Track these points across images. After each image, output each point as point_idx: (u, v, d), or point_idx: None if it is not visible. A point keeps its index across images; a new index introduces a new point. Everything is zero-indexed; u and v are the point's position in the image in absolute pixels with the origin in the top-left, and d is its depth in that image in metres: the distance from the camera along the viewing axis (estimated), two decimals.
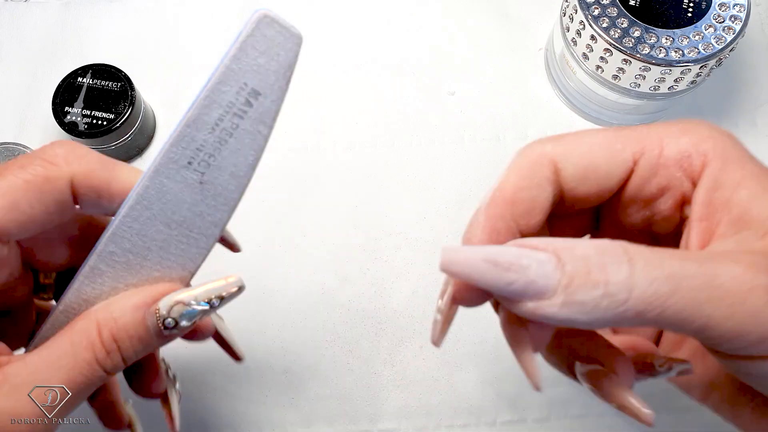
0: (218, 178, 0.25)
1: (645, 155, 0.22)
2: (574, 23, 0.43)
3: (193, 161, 0.25)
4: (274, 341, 0.43)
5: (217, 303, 0.26)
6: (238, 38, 0.24)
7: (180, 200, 0.25)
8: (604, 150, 0.22)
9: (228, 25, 0.51)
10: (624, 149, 0.22)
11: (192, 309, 0.25)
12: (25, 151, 0.44)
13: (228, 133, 0.25)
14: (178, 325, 0.25)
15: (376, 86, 0.49)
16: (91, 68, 0.45)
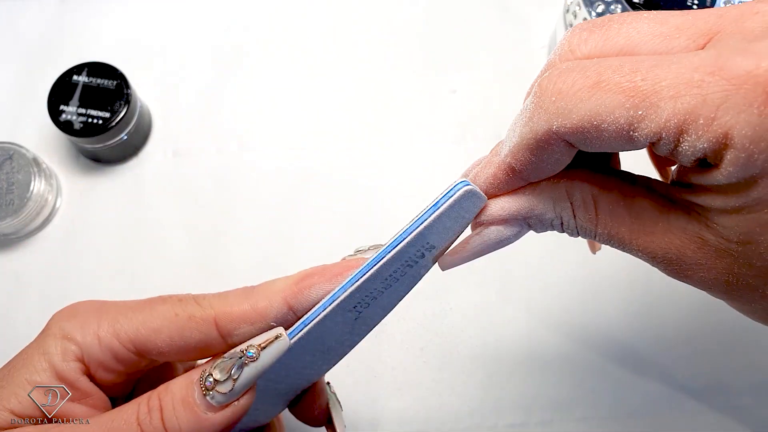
0: (372, 313, 0.26)
1: (657, 146, 0.20)
2: (578, 20, 0.42)
3: (358, 305, 0.25)
4: None
5: (253, 353, 0.24)
6: (436, 208, 0.24)
7: (332, 334, 0.26)
8: (617, 135, 0.20)
9: (225, 24, 0.51)
10: (639, 137, 0.20)
11: (225, 360, 0.24)
12: (21, 151, 0.43)
13: (395, 280, 0.25)
14: (216, 381, 0.24)
15: (376, 85, 0.49)
16: (86, 66, 0.44)
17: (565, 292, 0.43)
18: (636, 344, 0.42)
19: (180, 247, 0.44)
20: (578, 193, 0.23)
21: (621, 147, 0.21)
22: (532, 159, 0.22)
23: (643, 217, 0.22)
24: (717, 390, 0.41)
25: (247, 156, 0.47)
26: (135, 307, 0.26)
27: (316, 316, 0.24)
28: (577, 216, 0.24)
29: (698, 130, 0.18)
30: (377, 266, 0.24)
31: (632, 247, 0.23)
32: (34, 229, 0.45)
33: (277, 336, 0.24)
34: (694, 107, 0.18)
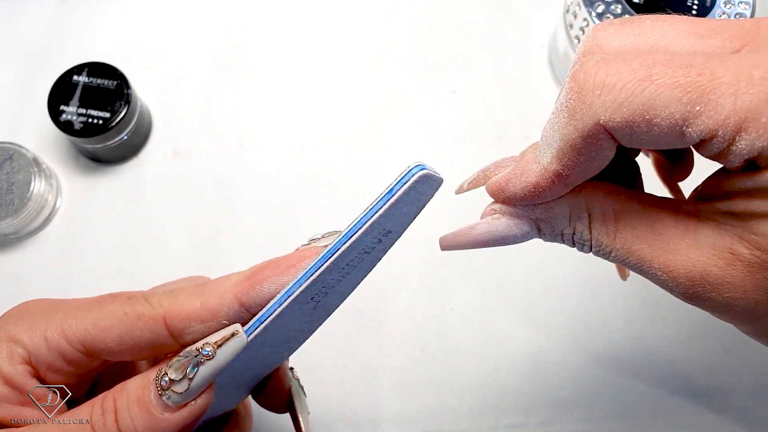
0: (330, 301, 0.25)
1: (710, 143, 0.20)
2: (578, 20, 0.42)
3: (315, 296, 0.24)
4: None
5: (209, 351, 0.23)
6: (391, 194, 0.23)
7: (290, 325, 0.25)
8: (669, 131, 0.20)
9: (225, 24, 0.51)
10: (693, 133, 0.19)
11: (180, 358, 0.23)
12: (21, 151, 0.43)
13: (352, 267, 0.24)
14: (171, 381, 0.23)
15: (376, 85, 0.49)
16: (86, 66, 0.44)
17: (565, 293, 0.43)
18: (635, 345, 0.42)
19: (180, 247, 0.44)
20: (599, 205, 0.23)
21: (669, 143, 0.20)
22: (579, 160, 0.21)
23: (666, 234, 0.22)
24: (716, 390, 0.41)
25: (247, 156, 0.47)
26: (85, 306, 0.25)
27: (272, 312, 0.23)
28: (594, 228, 0.23)
29: (759, 128, 0.18)
30: (333, 258, 0.23)
31: (652, 266, 0.22)
32: (34, 229, 0.45)
33: (234, 333, 0.23)
34: (757, 105, 0.18)
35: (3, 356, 0.24)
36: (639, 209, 0.23)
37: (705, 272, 0.21)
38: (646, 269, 0.23)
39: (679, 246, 0.22)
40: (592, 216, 0.23)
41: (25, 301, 0.26)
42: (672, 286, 0.22)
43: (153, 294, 0.25)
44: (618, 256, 0.23)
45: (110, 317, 0.24)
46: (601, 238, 0.23)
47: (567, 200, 0.23)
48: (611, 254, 0.23)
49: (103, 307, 0.24)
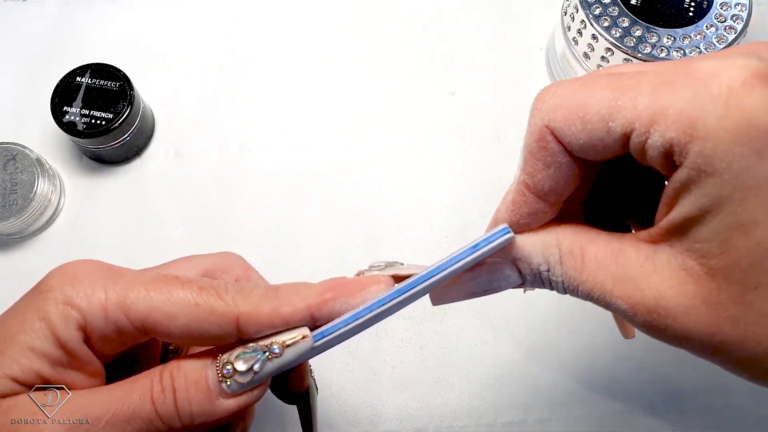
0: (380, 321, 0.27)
1: (632, 138, 0.21)
2: (575, 22, 0.42)
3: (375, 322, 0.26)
4: None
5: (278, 350, 0.24)
6: (476, 250, 0.24)
7: (343, 339, 0.26)
8: (599, 126, 0.21)
9: (227, 24, 0.51)
10: (616, 127, 0.21)
11: (247, 352, 0.24)
12: (24, 151, 0.44)
13: (413, 300, 0.26)
14: (235, 371, 0.24)
15: (376, 86, 0.49)
16: (89, 68, 0.45)
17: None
18: (634, 343, 0.43)
19: (182, 246, 0.45)
20: (567, 241, 0.24)
21: (602, 142, 0.21)
22: (538, 165, 0.23)
23: (628, 264, 0.22)
24: (716, 389, 0.42)
25: (248, 156, 0.47)
26: (149, 285, 0.24)
27: (337, 329, 0.25)
28: (564, 263, 0.24)
29: (668, 119, 0.20)
30: (401, 298, 0.25)
31: (613, 297, 0.23)
32: (38, 229, 0.45)
33: (304, 336, 0.24)
34: (669, 100, 0.20)
35: (59, 319, 0.24)
36: (604, 241, 0.23)
37: (660, 297, 0.21)
38: (608, 301, 0.23)
39: (637, 273, 0.22)
40: (561, 250, 0.24)
41: (77, 261, 0.26)
42: (632, 317, 0.23)
43: (225, 289, 0.25)
44: (584, 289, 0.23)
45: (179, 305, 0.24)
46: (570, 272, 0.24)
47: (539, 236, 0.24)
48: (579, 288, 0.24)
49: (171, 292, 0.24)
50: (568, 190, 0.24)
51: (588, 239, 0.24)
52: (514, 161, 0.48)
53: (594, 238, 0.24)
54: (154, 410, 0.24)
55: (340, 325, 0.25)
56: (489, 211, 0.45)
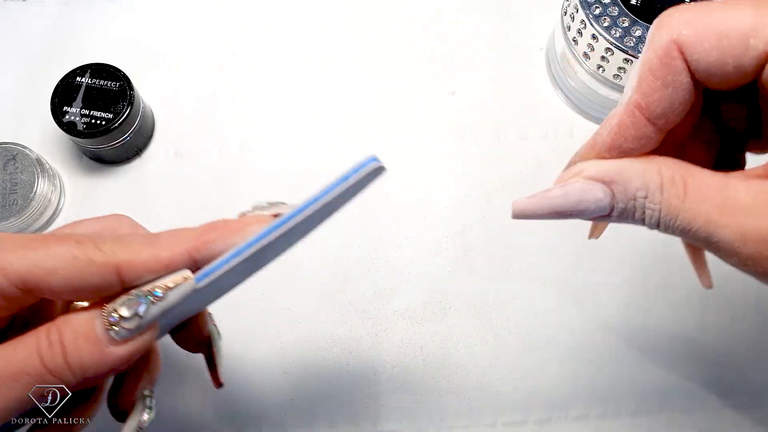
0: (266, 260, 0.28)
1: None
2: (575, 22, 0.42)
3: (258, 258, 0.26)
4: (273, 342, 0.43)
5: (161, 293, 0.24)
6: (345, 180, 0.26)
7: (231, 280, 0.27)
8: (736, 42, 0.21)
9: (227, 24, 0.51)
10: (758, 44, 0.21)
11: (131, 298, 0.24)
12: (24, 151, 0.44)
13: (296, 236, 0.27)
14: (121, 318, 0.24)
15: (375, 86, 0.49)
16: (89, 68, 0.45)
17: (563, 293, 0.43)
18: (634, 343, 0.43)
19: None
20: (669, 171, 0.23)
21: (736, 59, 0.21)
22: (656, 85, 0.22)
23: (737, 196, 0.22)
24: (715, 389, 0.42)
25: (248, 156, 0.47)
26: (27, 245, 0.25)
27: (221, 267, 0.25)
28: (665, 190, 0.23)
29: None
30: (284, 228, 0.25)
31: (720, 226, 0.22)
32: (38, 229, 0.45)
33: (185, 278, 0.25)
34: None
35: None
36: (708, 175, 0.23)
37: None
38: (711, 231, 0.22)
39: (749, 204, 0.22)
40: (663, 178, 0.23)
41: None
42: (738, 248, 0.22)
43: (104, 240, 0.25)
44: (685, 218, 0.23)
45: (58, 259, 0.24)
46: (671, 199, 0.23)
47: (640, 163, 0.24)
48: (678, 217, 0.23)
49: (49, 248, 0.24)
50: (678, 118, 0.23)
51: (691, 172, 0.23)
52: (514, 161, 0.48)
53: (698, 172, 0.23)
54: (43, 365, 0.24)
55: (221, 263, 0.25)
56: (489, 211, 0.45)
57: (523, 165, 0.47)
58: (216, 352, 0.32)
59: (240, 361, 0.42)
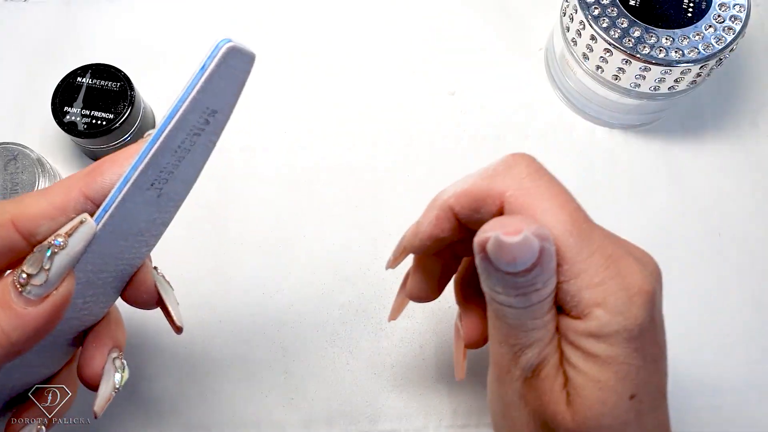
0: (173, 189, 0.27)
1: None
2: (574, 23, 0.42)
3: (155, 182, 0.26)
4: (273, 341, 0.43)
5: (61, 241, 0.24)
6: (204, 70, 0.25)
7: (138, 216, 0.26)
8: (477, 201, 0.27)
9: (227, 24, 0.51)
10: (493, 202, 0.27)
11: (34, 254, 0.24)
12: (25, 151, 0.44)
13: (186, 150, 0.26)
14: (29, 276, 0.24)
15: (375, 86, 0.49)
16: (90, 68, 0.45)
17: None
18: None
19: (181, 246, 0.45)
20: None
21: (482, 216, 0.27)
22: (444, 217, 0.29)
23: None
24: (713, 389, 0.42)
25: (248, 156, 0.47)
26: None
27: (115, 198, 0.25)
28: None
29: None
30: (160, 140, 0.25)
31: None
32: None
33: (82, 221, 0.25)
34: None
35: None
36: None
37: None
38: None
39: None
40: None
41: None
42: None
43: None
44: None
45: None
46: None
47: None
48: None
49: None
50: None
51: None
52: None
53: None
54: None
55: (112, 197, 0.25)
56: None
57: None
58: (168, 301, 0.31)
59: (240, 361, 0.42)
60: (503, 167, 0.27)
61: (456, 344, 0.35)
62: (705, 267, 0.44)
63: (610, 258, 0.25)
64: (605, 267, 0.25)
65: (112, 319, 0.31)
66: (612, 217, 0.46)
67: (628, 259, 0.25)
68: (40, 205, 0.25)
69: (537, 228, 0.23)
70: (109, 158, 0.26)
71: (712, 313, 0.43)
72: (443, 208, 0.29)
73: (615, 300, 0.24)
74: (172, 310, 0.31)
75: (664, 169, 0.47)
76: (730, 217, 0.46)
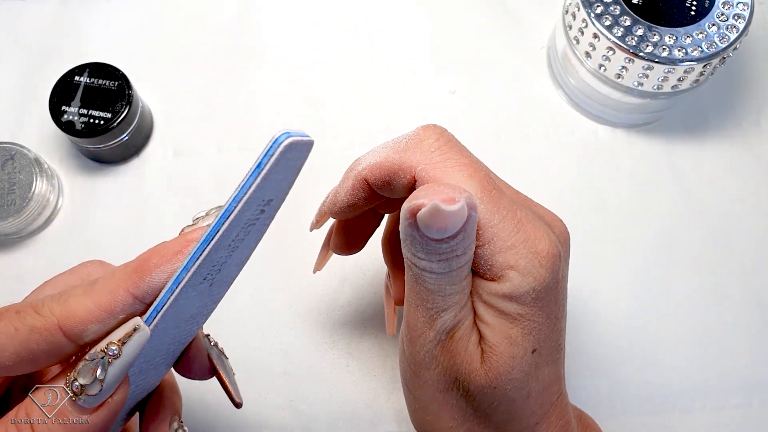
0: (226, 274, 0.26)
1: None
2: (577, 21, 0.42)
3: (208, 276, 0.24)
4: (273, 343, 0.42)
5: (115, 349, 0.23)
6: (260, 168, 0.23)
7: (190, 306, 0.25)
8: (390, 174, 0.29)
9: (225, 23, 0.51)
10: (404, 175, 0.28)
11: (87, 362, 0.23)
12: (23, 151, 0.43)
13: (240, 240, 0.25)
14: (83, 386, 0.23)
15: (376, 85, 0.49)
16: (88, 67, 0.44)
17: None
18: (634, 344, 0.42)
19: None
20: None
21: (396, 187, 0.29)
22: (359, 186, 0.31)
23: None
24: (713, 389, 0.41)
25: (248, 156, 0.47)
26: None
27: (167, 300, 0.24)
28: None
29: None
30: (216, 238, 0.23)
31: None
32: (36, 229, 0.45)
33: (135, 328, 0.23)
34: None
35: None
36: None
37: None
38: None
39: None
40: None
41: None
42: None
43: (42, 302, 0.24)
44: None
45: (1, 335, 0.23)
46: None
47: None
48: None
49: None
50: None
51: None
52: (515, 160, 0.48)
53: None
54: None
55: (164, 298, 0.23)
56: None
57: (524, 164, 0.46)
58: (224, 374, 0.30)
59: (240, 362, 0.42)
60: (414, 141, 0.28)
61: (386, 302, 0.37)
62: (707, 266, 0.44)
63: (519, 222, 0.26)
64: (516, 231, 0.26)
65: (167, 386, 0.30)
66: (614, 216, 0.45)
67: (536, 223, 0.26)
68: (86, 307, 0.23)
69: (468, 196, 0.23)
70: (156, 253, 0.24)
71: (715, 313, 0.43)
72: (357, 179, 0.30)
73: (525, 263, 0.25)
74: (228, 382, 0.30)
75: (666, 168, 0.46)
76: (733, 216, 0.45)
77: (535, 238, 0.26)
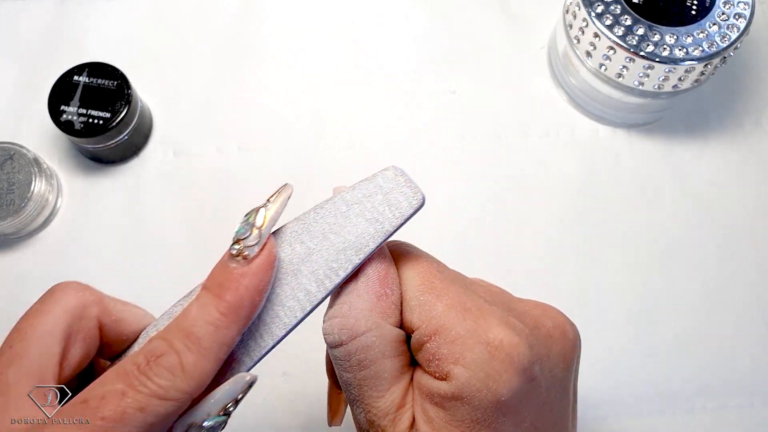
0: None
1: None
2: (577, 21, 0.42)
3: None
4: None
5: (233, 408, 0.24)
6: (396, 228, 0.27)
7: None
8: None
9: (225, 23, 0.51)
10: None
11: (206, 427, 0.23)
12: (21, 151, 0.43)
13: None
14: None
15: (377, 85, 0.49)
16: (87, 66, 0.44)
17: (565, 294, 0.43)
18: (634, 344, 0.42)
19: (180, 246, 0.44)
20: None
21: None
22: None
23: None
24: (714, 390, 0.41)
25: (248, 156, 0.47)
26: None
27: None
28: None
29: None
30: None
31: None
32: (35, 229, 0.45)
33: (251, 384, 0.26)
34: None
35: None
36: None
37: None
38: None
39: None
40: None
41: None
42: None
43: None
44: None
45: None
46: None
47: None
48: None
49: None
50: None
51: None
52: (515, 160, 0.48)
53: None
54: None
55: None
56: (489, 211, 0.45)
57: (525, 164, 0.46)
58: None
59: None
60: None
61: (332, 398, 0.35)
62: (708, 265, 0.44)
63: (467, 311, 0.23)
64: (462, 319, 0.23)
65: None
66: (615, 216, 0.45)
67: (491, 311, 0.24)
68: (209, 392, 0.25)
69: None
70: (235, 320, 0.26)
71: (717, 313, 0.43)
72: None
73: (473, 355, 0.22)
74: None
75: (667, 167, 0.46)
76: (734, 215, 0.45)
77: (487, 327, 0.23)
